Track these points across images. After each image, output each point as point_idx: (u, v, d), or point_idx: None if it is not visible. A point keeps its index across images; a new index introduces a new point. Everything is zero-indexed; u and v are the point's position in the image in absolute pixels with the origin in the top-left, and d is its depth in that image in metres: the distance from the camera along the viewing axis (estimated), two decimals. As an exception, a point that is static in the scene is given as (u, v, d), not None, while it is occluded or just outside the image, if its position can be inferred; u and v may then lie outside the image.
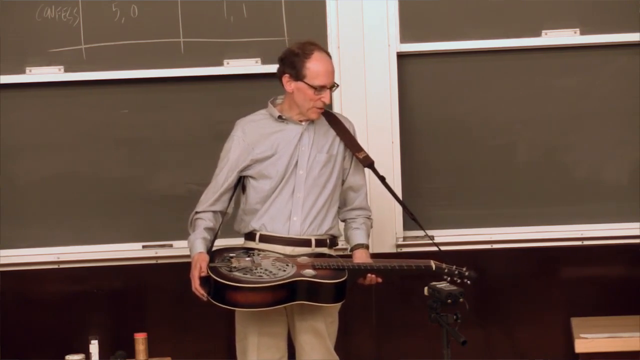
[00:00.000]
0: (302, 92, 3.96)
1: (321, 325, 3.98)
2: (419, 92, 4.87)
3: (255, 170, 4.01)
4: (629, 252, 4.76)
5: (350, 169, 4.10)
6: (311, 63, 3.94)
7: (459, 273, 3.94)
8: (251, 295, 3.78)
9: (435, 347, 3.78)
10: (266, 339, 3.98)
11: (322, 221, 4.00)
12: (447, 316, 3.58)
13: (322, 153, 4.02)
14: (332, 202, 4.04)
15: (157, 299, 4.84)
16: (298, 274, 3.83)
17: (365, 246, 4.07)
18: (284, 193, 3.98)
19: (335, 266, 3.90)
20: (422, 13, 4.83)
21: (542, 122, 4.85)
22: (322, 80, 3.93)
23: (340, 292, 3.88)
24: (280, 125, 4.03)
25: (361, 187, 4.13)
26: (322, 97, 3.94)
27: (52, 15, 4.79)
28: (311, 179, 3.99)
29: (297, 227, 3.97)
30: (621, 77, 4.81)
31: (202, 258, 3.90)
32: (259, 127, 4.04)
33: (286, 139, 4.00)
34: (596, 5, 4.78)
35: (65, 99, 4.85)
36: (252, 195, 4.02)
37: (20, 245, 4.84)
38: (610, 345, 4.35)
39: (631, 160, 4.84)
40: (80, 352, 4.57)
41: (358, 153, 4.05)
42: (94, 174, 4.88)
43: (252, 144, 4.01)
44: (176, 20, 4.81)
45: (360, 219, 4.12)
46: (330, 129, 4.06)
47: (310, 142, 4.01)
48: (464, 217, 4.86)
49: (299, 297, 3.82)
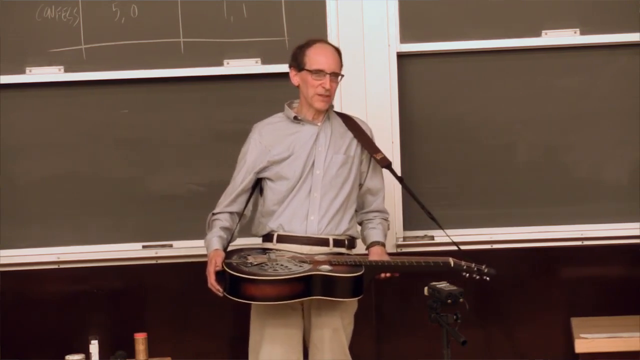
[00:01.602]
0: (304, 81, 3.99)
1: (338, 323, 3.97)
2: (419, 92, 4.87)
3: (272, 172, 4.02)
4: (629, 252, 4.76)
5: (369, 172, 4.11)
6: (310, 50, 4.00)
7: (478, 270, 3.94)
8: (267, 288, 3.77)
9: (435, 347, 3.78)
10: (282, 334, 3.96)
11: (339, 221, 4.00)
12: (447, 316, 3.58)
13: (340, 154, 4.03)
14: (350, 203, 4.05)
15: (157, 299, 4.84)
16: (315, 269, 3.82)
17: (381, 244, 4.07)
18: (300, 193, 3.99)
19: (352, 262, 3.90)
20: (422, 13, 4.83)
21: (542, 122, 4.85)
22: (320, 64, 3.96)
23: (357, 286, 3.86)
24: (296, 127, 4.04)
25: (379, 191, 4.14)
26: (322, 82, 3.95)
27: (52, 15, 4.79)
28: (328, 179, 3.99)
29: (314, 226, 3.97)
30: (621, 77, 4.81)
31: (218, 254, 3.92)
32: (275, 129, 4.06)
33: (302, 140, 4.02)
34: (596, 5, 4.78)
35: (65, 99, 4.85)
36: (270, 197, 4.03)
37: (20, 245, 4.84)
38: (610, 345, 4.35)
39: (631, 160, 4.84)
40: (80, 352, 4.57)
41: (376, 154, 4.07)
42: (94, 174, 4.88)
43: (268, 146, 4.02)
44: (176, 20, 4.81)
45: (377, 219, 4.14)
46: (348, 131, 4.08)
47: (327, 142, 4.02)
48: (464, 217, 4.86)
49: (314, 291, 3.81)
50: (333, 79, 3.99)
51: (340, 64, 4.03)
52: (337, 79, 4.02)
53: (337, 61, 4.01)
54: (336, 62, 4.01)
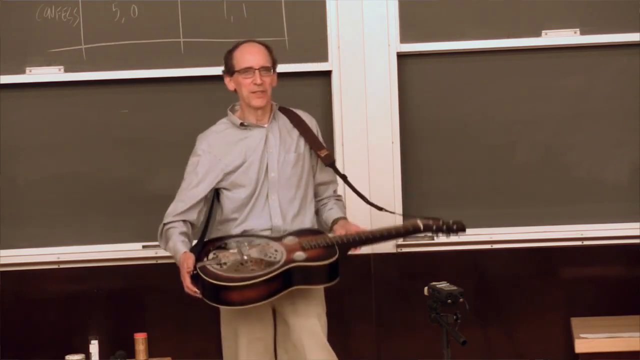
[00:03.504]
0: (238, 83, 3.99)
1: (320, 309, 3.96)
2: (419, 92, 4.87)
3: (228, 182, 3.99)
4: (629, 252, 4.76)
5: (317, 167, 4.10)
6: (236, 52, 4.01)
7: (447, 227, 3.93)
8: (246, 291, 3.75)
9: (435, 347, 3.78)
10: (255, 341, 3.95)
11: (302, 219, 3.99)
12: (447, 316, 3.58)
13: (290, 153, 4.02)
14: (308, 200, 4.04)
15: (157, 299, 4.84)
16: (290, 260, 3.80)
17: (343, 218, 4.05)
18: (260, 199, 3.97)
19: (324, 244, 3.87)
20: (422, 13, 4.83)
21: (542, 122, 4.85)
22: (246, 62, 3.95)
23: (334, 270, 3.85)
24: (243, 132, 4.02)
25: (331, 182, 4.15)
26: (253, 78, 3.93)
27: (52, 15, 4.79)
28: (284, 180, 3.98)
29: (279, 228, 3.95)
30: (621, 77, 4.81)
31: (187, 257, 3.86)
32: (222, 138, 4.04)
33: (252, 145, 3.99)
34: (596, 5, 4.78)
35: (65, 99, 4.85)
36: (227, 205, 4.00)
37: (20, 245, 4.84)
38: (610, 345, 4.35)
39: (631, 160, 4.84)
40: (80, 352, 4.58)
41: (320, 152, 4.05)
42: (94, 174, 4.88)
43: (218, 156, 4.00)
44: (176, 20, 4.81)
45: (331, 201, 4.13)
46: (294, 128, 4.06)
47: (277, 143, 4.01)
48: (464, 217, 4.82)
49: (294, 283, 3.79)
50: (265, 74, 3.95)
51: (269, 58, 3.98)
52: (269, 73, 3.97)
53: (264, 56, 3.97)
54: (263, 57, 3.97)
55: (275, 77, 4.04)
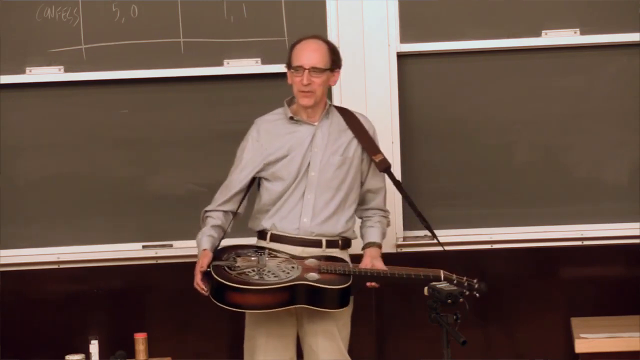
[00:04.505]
0: (291, 79, 3.98)
1: (332, 328, 3.96)
2: (419, 92, 4.87)
3: (268, 172, 4.00)
4: (629, 252, 4.76)
5: (369, 172, 4.07)
6: (295, 47, 3.98)
7: (469, 285, 3.93)
8: (250, 297, 3.77)
9: (435, 347, 3.77)
10: (275, 340, 3.95)
11: (335, 223, 3.97)
12: (447, 316, 3.57)
13: (336, 155, 3.99)
14: (348, 204, 4.01)
15: (157, 299, 4.84)
16: (301, 278, 3.81)
17: (377, 245, 4.05)
18: (295, 194, 3.96)
19: (341, 271, 3.88)
20: (422, 13, 4.83)
21: (542, 122, 4.85)
22: (298, 59, 3.93)
23: (344, 297, 3.86)
24: (293, 127, 4.01)
25: (380, 190, 4.11)
26: (300, 78, 3.91)
27: (52, 15, 4.79)
28: (323, 181, 3.96)
29: (307, 228, 3.95)
30: (621, 77, 4.81)
31: (205, 254, 3.89)
32: (273, 128, 4.03)
33: (298, 140, 3.99)
34: (596, 5, 4.78)
35: (65, 99, 4.85)
36: (265, 196, 4.02)
37: (20, 245, 4.84)
38: (610, 345, 4.35)
39: (631, 160, 4.83)
40: (80, 352, 4.57)
41: (375, 156, 4.02)
42: (94, 174, 4.88)
43: (265, 145, 4.00)
44: (176, 20, 4.81)
45: (376, 217, 4.10)
46: (348, 130, 4.03)
47: (323, 143, 3.99)
48: (464, 217, 4.86)
49: (299, 300, 3.80)
50: (315, 75, 3.92)
51: (324, 58, 3.94)
52: (321, 74, 3.93)
53: (318, 56, 3.93)
54: (317, 56, 3.93)
55: (332, 76, 3.97)
